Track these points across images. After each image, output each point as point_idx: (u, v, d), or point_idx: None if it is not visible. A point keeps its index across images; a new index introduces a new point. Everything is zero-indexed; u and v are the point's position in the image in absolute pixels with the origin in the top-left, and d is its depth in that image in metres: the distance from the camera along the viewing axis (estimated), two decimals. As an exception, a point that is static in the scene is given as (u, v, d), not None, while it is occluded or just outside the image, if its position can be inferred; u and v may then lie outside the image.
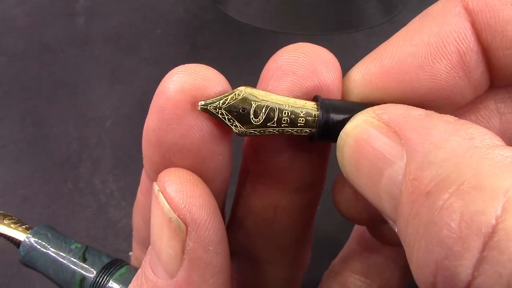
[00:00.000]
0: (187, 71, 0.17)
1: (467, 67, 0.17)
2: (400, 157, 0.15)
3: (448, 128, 0.14)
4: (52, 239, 0.24)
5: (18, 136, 0.45)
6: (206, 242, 0.17)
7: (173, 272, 0.17)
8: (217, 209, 0.18)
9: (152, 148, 0.18)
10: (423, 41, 0.17)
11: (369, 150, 0.16)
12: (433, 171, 0.13)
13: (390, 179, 0.15)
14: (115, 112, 0.47)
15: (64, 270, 0.23)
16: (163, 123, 0.17)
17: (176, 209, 0.17)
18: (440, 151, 0.14)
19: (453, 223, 0.12)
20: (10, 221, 0.25)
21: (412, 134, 0.15)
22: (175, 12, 0.58)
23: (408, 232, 0.14)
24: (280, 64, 0.18)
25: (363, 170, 0.16)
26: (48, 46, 0.54)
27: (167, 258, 0.17)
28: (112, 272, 0.23)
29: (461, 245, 0.12)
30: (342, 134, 0.17)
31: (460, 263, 0.12)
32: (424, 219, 0.13)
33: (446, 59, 0.17)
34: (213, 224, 0.17)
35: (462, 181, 0.12)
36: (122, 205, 0.39)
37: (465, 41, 0.17)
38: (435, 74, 0.17)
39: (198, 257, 0.17)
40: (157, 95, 0.18)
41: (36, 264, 0.24)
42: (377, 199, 0.16)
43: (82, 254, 0.24)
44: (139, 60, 0.52)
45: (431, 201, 0.13)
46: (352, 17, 0.55)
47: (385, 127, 0.16)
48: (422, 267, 0.13)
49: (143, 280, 0.19)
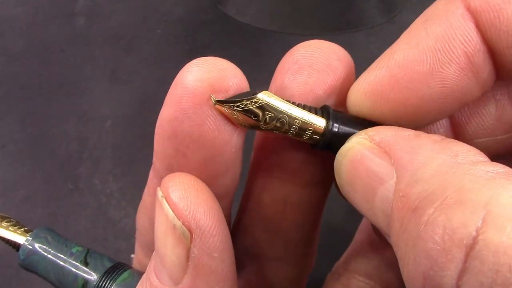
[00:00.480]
0: (205, 62, 0.18)
1: (476, 68, 0.17)
2: (391, 176, 0.15)
3: (435, 147, 0.15)
4: (53, 242, 0.24)
5: (18, 136, 0.45)
6: (211, 249, 0.17)
7: (178, 279, 0.17)
8: (222, 215, 0.18)
9: (166, 141, 0.18)
10: (430, 47, 0.17)
11: (362, 170, 0.17)
12: (419, 187, 0.14)
13: (383, 197, 0.16)
14: (115, 112, 0.47)
15: (65, 274, 0.23)
16: (180, 112, 0.17)
17: (180, 216, 0.17)
18: (427, 168, 0.14)
19: (437, 236, 0.13)
20: (8, 223, 0.25)
21: (401, 154, 0.16)
22: (175, 12, 0.58)
23: (399, 246, 0.14)
24: (297, 59, 0.19)
25: (358, 189, 0.17)
26: (48, 46, 0.54)
27: (172, 265, 0.17)
28: (115, 277, 0.22)
29: (445, 257, 0.12)
30: (338, 156, 0.18)
31: (445, 274, 0.12)
32: (412, 233, 0.14)
33: (454, 63, 0.17)
34: (218, 230, 0.17)
35: (445, 197, 0.13)
36: (122, 205, 0.39)
37: (472, 43, 0.17)
38: (445, 79, 0.17)
39: (203, 264, 0.17)
40: (174, 86, 0.18)
41: (36, 268, 0.24)
42: (373, 216, 0.16)
43: (84, 258, 0.23)
44: (139, 60, 0.52)
45: (417, 216, 0.14)
46: (352, 17, 0.55)
47: (376, 148, 0.16)
48: (412, 278, 0.14)
49: (148, 286, 0.18)
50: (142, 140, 0.44)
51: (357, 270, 0.24)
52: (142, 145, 0.44)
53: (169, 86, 0.18)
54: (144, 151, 0.43)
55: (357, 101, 0.18)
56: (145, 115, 0.46)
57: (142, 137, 0.44)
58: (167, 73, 0.51)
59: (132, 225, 0.38)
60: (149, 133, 0.50)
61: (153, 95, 0.48)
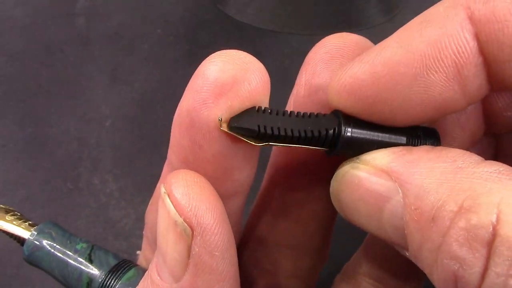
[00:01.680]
0: (228, 54, 0.18)
1: (464, 80, 0.16)
2: (395, 192, 0.16)
3: (430, 157, 0.16)
4: (57, 238, 0.24)
5: (18, 136, 0.45)
6: (212, 247, 0.17)
7: (178, 276, 0.17)
8: (224, 214, 0.18)
9: (183, 131, 0.18)
10: (420, 50, 0.16)
11: (363, 192, 0.17)
12: (431, 198, 0.15)
13: (391, 214, 0.16)
14: (115, 112, 0.47)
15: (70, 271, 0.23)
16: (199, 102, 0.17)
17: (182, 212, 0.17)
18: (432, 179, 0.15)
19: (462, 238, 0.14)
20: (13, 217, 0.25)
21: (400, 169, 0.16)
22: (175, 12, 0.58)
23: (423, 256, 0.15)
24: (328, 49, 0.20)
25: (362, 211, 0.17)
26: (48, 46, 0.54)
27: (173, 262, 0.17)
28: (120, 275, 0.22)
29: (473, 255, 0.14)
30: (334, 183, 0.18)
31: (474, 271, 0.14)
32: (436, 241, 0.15)
33: (442, 72, 0.16)
34: (219, 229, 0.17)
35: (461, 203, 0.14)
36: (122, 205, 0.39)
37: (465, 54, 0.16)
38: (429, 86, 0.16)
39: (203, 262, 0.17)
40: (196, 76, 0.17)
41: (41, 264, 0.24)
42: (382, 232, 0.17)
43: (88, 255, 0.23)
44: (139, 60, 0.52)
45: (438, 225, 0.15)
46: (352, 17, 0.55)
47: (372, 169, 0.17)
48: (444, 280, 0.15)
49: (149, 283, 0.18)
50: (142, 140, 0.44)
51: (367, 273, 0.24)
52: (142, 145, 0.44)
53: (169, 86, 0.18)
54: (144, 151, 0.43)
55: (336, 92, 0.18)
56: (145, 115, 0.46)
57: (142, 137, 0.44)
58: (167, 73, 0.51)
59: (132, 225, 0.38)
60: (149, 133, 0.50)
61: (153, 95, 0.48)
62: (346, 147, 0.18)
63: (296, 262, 0.24)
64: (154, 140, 0.44)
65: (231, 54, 0.17)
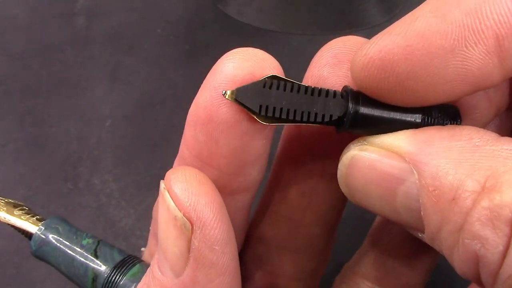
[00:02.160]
0: (245, 52, 0.18)
1: (504, 53, 0.15)
2: (410, 173, 0.15)
3: (444, 136, 0.15)
4: (63, 233, 0.24)
5: (18, 136, 0.45)
6: (211, 241, 0.17)
7: (179, 271, 0.17)
8: (223, 208, 0.18)
9: (199, 127, 0.18)
10: (458, 20, 0.15)
11: (375, 174, 0.16)
12: (450, 178, 0.14)
13: (405, 195, 0.16)
14: (115, 112, 0.47)
15: (76, 266, 0.23)
16: (217, 98, 0.17)
17: (181, 207, 0.17)
18: (450, 158, 0.15)
19: (484, 218, 0.14)
20: (21, 211, 0.25)
21: (414, 150, 0.15)
22: (175, 12, 0.58)
23: (443, 237, 0.15)
24: (335, 53, 0.19)
25: (373, 195, 0.17)
26: (48, 46, 0.54)
27: (173, 257, 0.17)
28: (125, 271, 0.23)
29: (496, 234, 0.14)
30: (341, 168, 0.18)
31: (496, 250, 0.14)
32: (458, 221, 0.14)
33: (482, 44, 0.15)
34: (219, 223, 0.17)
35: (483, 183, 0.14)
36: (122, 205, 0.39)
37: (506, 25, 0.15)
38: (467, 60, 0.15)
39: (203, 256, 0.17)
40: (213, 73, 0.18)
41: (48, 258, 0.24)
42: (395, 215, 0.17)
43: (94, 250, 0.23)
44: (139, 60, 0.52)
45: (459, 205, 0.14)
46: (352, 17, 0.55)
47: (383, 150, 0.16)
48: (465, 260, 0.15)
49: (151, 278, 0.19)
50: (142, 140, 0.44)
51: (365, 274, 0.24)
52: (142, 145, 0.44)
53: (169, 86, 0.18)
54: (144, 151, 0.43)
55: (361, 67, 0.16)
56: (145, 115, 0.46)
57: (142, 137, 0.44)
58: (167, 73, 0.51)
59: (132, 225, 0.38)
60: (149, 133, 0.50)
61: (153, 95, 0.48)
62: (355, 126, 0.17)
63: (298, 265, 0.24)
64: (154, 140, 0.44)
65: (248, 51, 0.18)
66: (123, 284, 0.22)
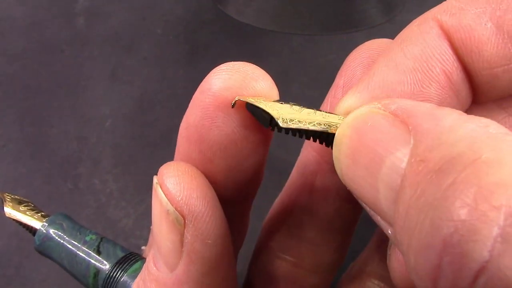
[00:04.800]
0: (233, 68, 0.17)
1: (455, 86, 0.17)
2: (406, 143, 0.13)
3: (461, 117, 0.13)
4: (67, 229, 0.24)
5: (17, 136, 0.45)
6: (204, 235, 0.17)
7: (173, 265, 0.17)
8: (216, 202, 0.18)
9: (192, 145, 0.18)
10: (409, 67, 0.17)
11: (371, 137, 0.14)
12: (444, 150, 0.12)
13: (391, 167, 0.13)
14: (115, 112, 0.47)
15: (78, 262, 0.23)
16: (207, 120, 0.17)
17: (173, 201, 0.17)
18: (453, 133, 0.12)
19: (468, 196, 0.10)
20: (26, 207, 0.25)
21: (421, 121, 0.14)
22: (175, 12, 0.58)
23: (408, 217, 0.12)
24: (370, 54, 0.20)
25: (361, 160, 0.15)
26: (48, 46, 0.54)
27: (167, 251, 0.17)
28: (126, 267, 0.23)
29: (477, 217, 0.10)
30: (343, 124, 0.16)
31: (475, 238, 0.10)
32: (432, 196, 0.11)
33: (435, 82, 0.17)
34: (211, 217, 0.17)
35: (479, 156, 0.11)
36: (122, 205, 0.39)
37: (449, 61, 0.17)
38: (427, 98, 0.17)
39: (196, 250, 0.17)
40: (201, 92, 0.17)
41: (51, 254, 0.24)
42: (372, 193, 0.14)
43: (97, 247, 0.24)
44: (139, 60, 0.52)
45: (440, 177, 0.11)
46: (352, 17, 0.55)
47: (391, 116, 0.14)
48: (424, 248, 0.11)
49: (146, 274, 0.19)
50: (142, 140, 0.44)
51: (372, 273, 0.24)
52: (142, 145, 0.44)
53: (169, 86, 0.18)
54: (144, 151, 0.43)
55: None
56: (145, 115, 0.46)
57: (142, 137, 0.44)
58: (167, 73, 0.51)
59: (132, 225, 0.38)
60: (149, 133, 0.50)
61: (153, 95, 0.48)
62: None
63: (317, 258, 0.24)
64: (154, 140, 0.44)
65: (237, 68, 0.17)
66: (124, 280, 0.22)
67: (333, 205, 0.22)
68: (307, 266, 0.24)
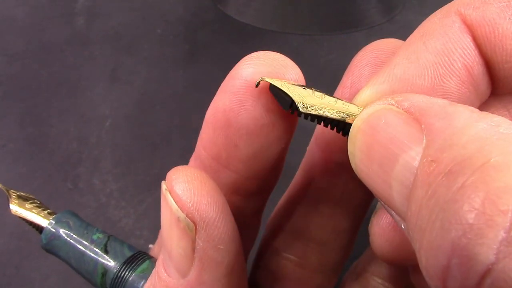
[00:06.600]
0: (265, 56, 0.18)
1: (475, 80, 0.17)
2: (419, 142, 0.14)
3: (473, 116, 0.13)
4: (74, 227, 0.24)
5: (18, 136, 0.45)
6: (216, 241, 0.17)
7: (184, 272, 0.17)
8: (226, 207, 0.18)
9: (218, 130, 0.18)
10: (430, 61, 0.17)
11: (384, 135, 0.15)
12: (455, 151, 0.12)
13: (404, 165, 0.14)
14: (115, 112, 0.47)
15: (86, 261, 0.23)
16: (237, 103, 0.17)
17: (183, 208, 0.17)
18: (464, 134, 0.13)
19: (476, 200, 0.11)
20: (32, 205, 0.25)
21: (434, 119, 0.14)
22: (175, 12, 0.58)
23: (420, 217, 0.12)
24: (377, 54, 0.20)
25: (375, 156, 0.15)
26: (48, 46, 0.54)
27: (178, 258, 0.17)
28: (134, 267, 0.23)
29: (484, 222, 0.11)
30: (357, 120, 0.16)
31: (482, 242, 0.11)
32: (442, 198, 0.12)
33: (455, 76, 0.17)
34: (222, 222, 0.17)
35: (488, 159, 0.11)
36: (122, 205, 0.39)
37: (471, 56, 0.17)
38: (447, 92, 0.17)
39: (208, 256, 0.17)
40: (232, 77, 0.18)
41: (58, 253, 0.24)
42: (386, 189, 0.15)
43: (104, 246, 0.23)
44: (139, 60, 0.52)
45: (450, 179, 0.12)
46: (352, 17, 0.55)
47: (404, 114, 0.15)
48: (434, 249, 0.12)
49: (156, 280, 0.19)
50: (142, 140, 0.44)
51: (376, 272, 0.24)
52: (142, 145, 0.44)
53: (169, 86, 0.18)
54: (144, 151, 0.43)
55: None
56: (145, 115, 0.46)
57: (142, 137, 0.44)
58: (167, 73, 0.51)
59: (132, 225, 0.38)
60: (149, 133, 0.50)
61: (153, 95, 0.48)
62: None
63: (323, 258, 0.24)
64: (154, 140, 0.44)
65: (268, 56, 0.18)
66: (132, 280, 0.22)
67: (338, 205, 0.22)
68: (312, 266, 0.24)
